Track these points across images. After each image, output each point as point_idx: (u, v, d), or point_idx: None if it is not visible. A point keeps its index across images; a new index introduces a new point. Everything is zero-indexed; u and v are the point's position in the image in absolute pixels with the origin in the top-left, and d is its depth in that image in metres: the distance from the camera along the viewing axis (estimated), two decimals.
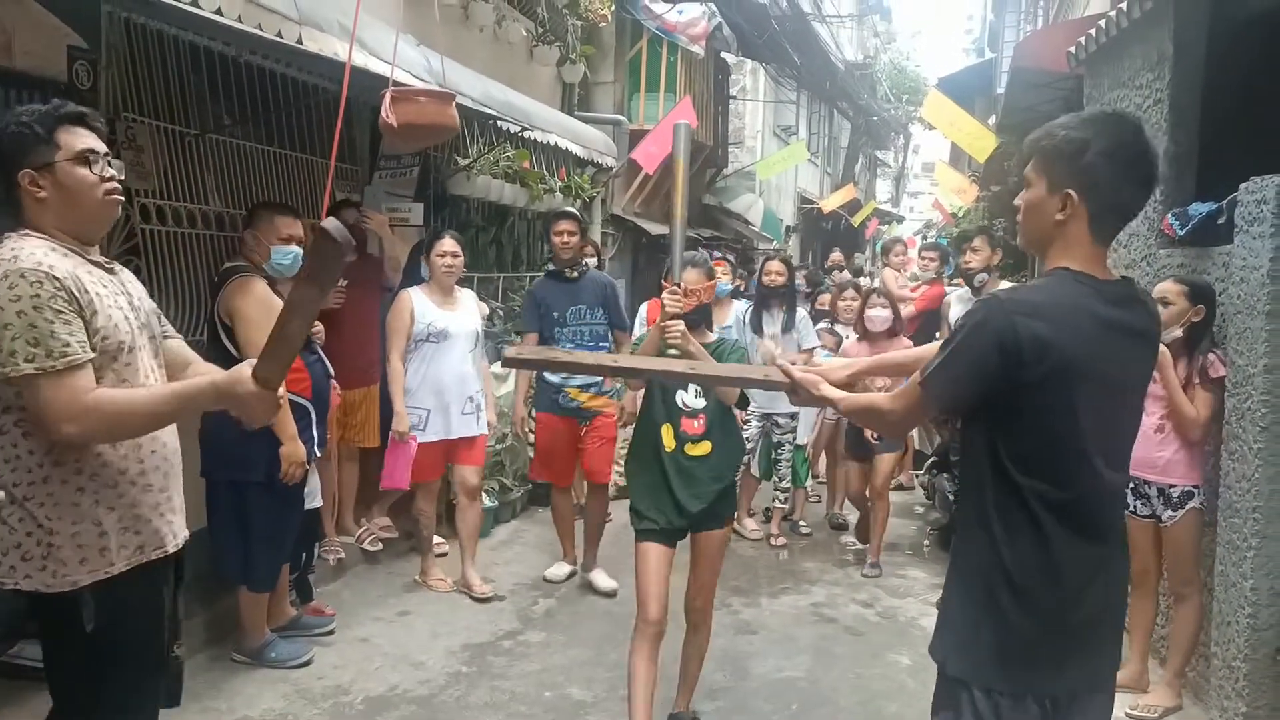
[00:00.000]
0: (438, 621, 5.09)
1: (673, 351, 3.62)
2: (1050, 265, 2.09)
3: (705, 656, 4.08)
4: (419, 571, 5.65)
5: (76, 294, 2.28)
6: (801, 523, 7.36)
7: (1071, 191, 2.02)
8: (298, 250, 4.27)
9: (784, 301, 6.66)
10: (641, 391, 4.07)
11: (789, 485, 6.99)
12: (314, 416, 4.44)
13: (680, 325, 3.63)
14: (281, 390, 2.33)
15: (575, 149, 8.46)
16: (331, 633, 4.81)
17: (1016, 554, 2.04)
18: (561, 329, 5.60)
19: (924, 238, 23.42)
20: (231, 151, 5.40)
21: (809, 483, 7.59)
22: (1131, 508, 4.40)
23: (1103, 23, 5.57)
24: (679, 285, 3.67)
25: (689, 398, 3.81)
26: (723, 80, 15.97)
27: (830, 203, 21.00)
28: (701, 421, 3.80)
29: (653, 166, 10.79)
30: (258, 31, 4.00)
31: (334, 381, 4.81)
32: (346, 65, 4.39)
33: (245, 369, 2.28)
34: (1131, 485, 4.45)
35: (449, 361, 5.33)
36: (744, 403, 3.64)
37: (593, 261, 6.39)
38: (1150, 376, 2.24)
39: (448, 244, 5.35)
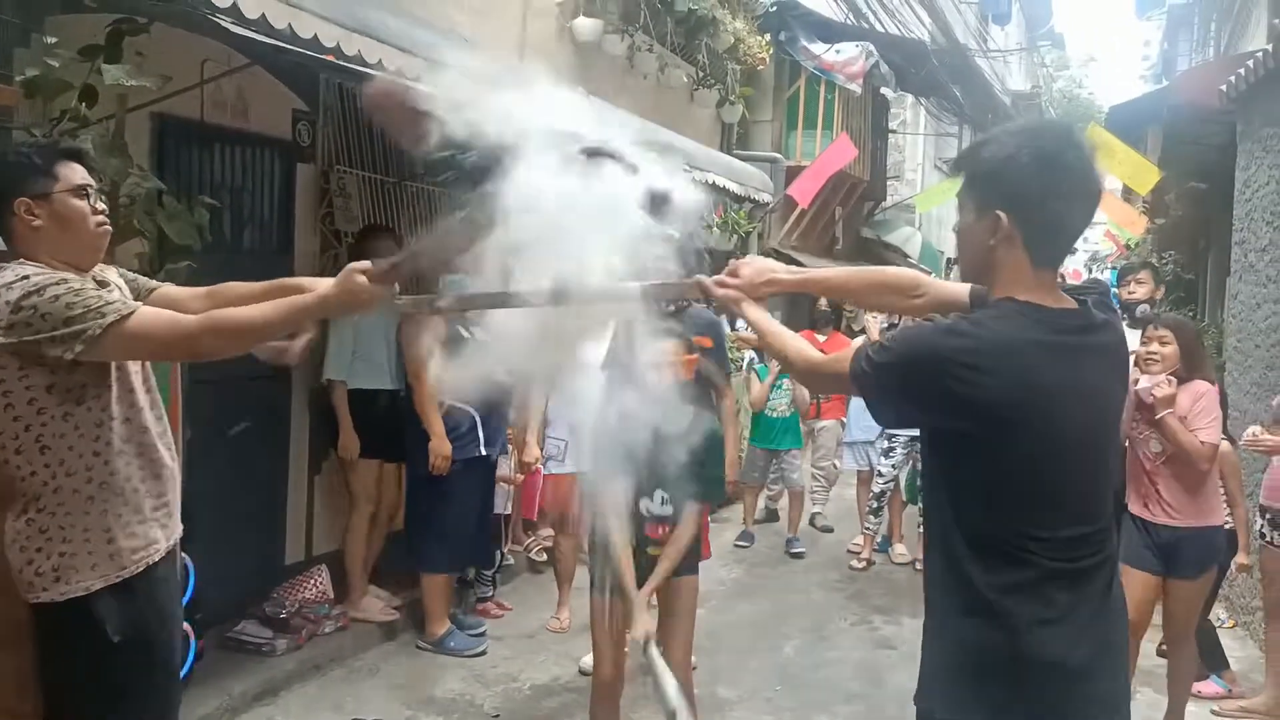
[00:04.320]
0: None
1: None
2: (996, 296, 1.89)
3: None
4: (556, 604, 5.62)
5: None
6: None
7: (1000, 212, 1.83)
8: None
9: None
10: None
11: None
12: (477, 419, 4.93)
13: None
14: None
15: (733, 186, 8.88)
16: (484, 634, 5.23)
17: (994, 596, 1.85)
18: None
19: (1089, 270, 22.80)
20: (422, 196, 6.07)
21: None
22: (1269, 538, 4.49)
23: (1251, 62, 5.64)
24: None
25: (654, 505, 3.52)
26: (881, 115, 16.15)
27: None
28: (666, 530, 3.56)
29: (807, 200, 11.11)
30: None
31: None
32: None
33: (354, 273, 2.29)
34: (1270, 516, 4.52)
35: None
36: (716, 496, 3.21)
37: None
38: (1121, 401, 1.99)
39: None
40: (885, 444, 7.11)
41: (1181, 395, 4.01)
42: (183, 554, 3.69)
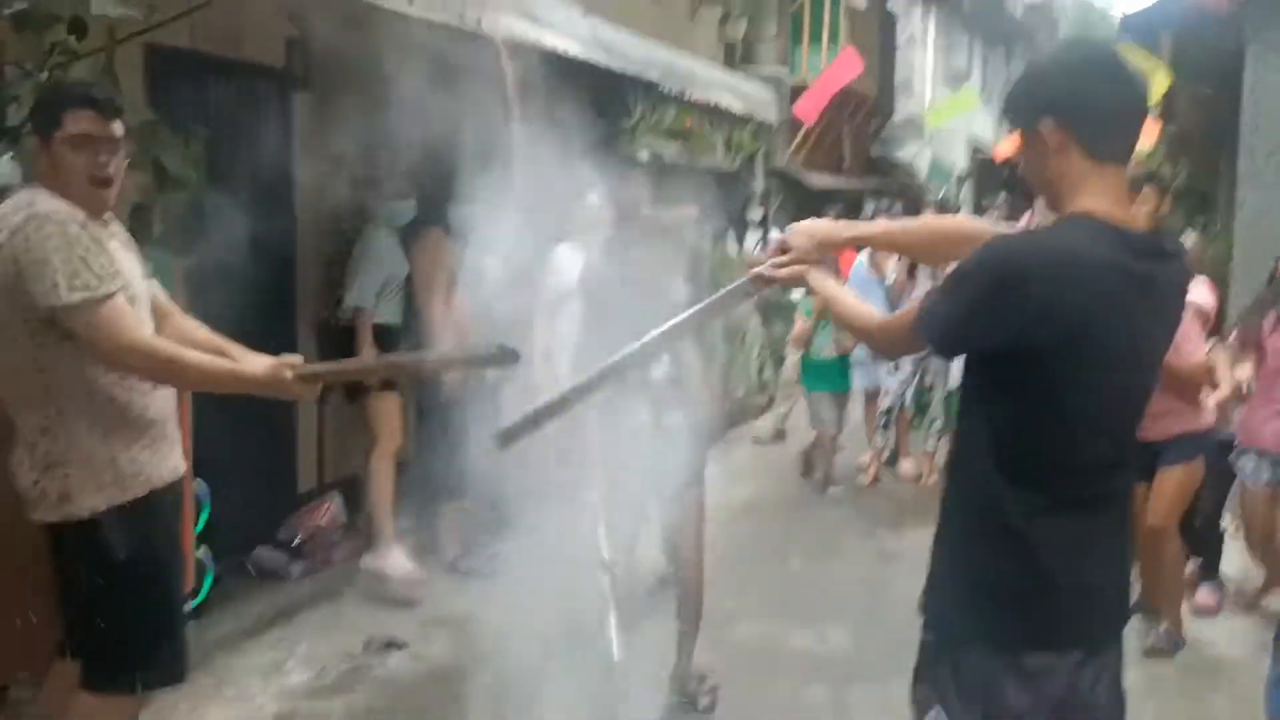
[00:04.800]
0: None
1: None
2: (1068, 210, 1.85)
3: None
4: None
5: (96, 238, 2.47)
6: None
7: (1048, 119, 1.83)
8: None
9: None
10: None
11: (942, 427, 7.18)
12: None
13: None
14: None
15: (736, 105, 8.78)
16: (499, 554, 5.27)
17: (1026, 523, 1.85)
18: None
19: None
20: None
21: None
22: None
23: None
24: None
25: (662, 368, 3.63)
26: (888, 27, 15.85)
27: (1002, 149, 20.46)
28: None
29: (813, 117, 10.98)
30: (443, 19, 4.54)
31: None
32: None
33: (283, 368, 2.57)
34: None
35: None
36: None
37: None
38: (1173, 339, 2.03)
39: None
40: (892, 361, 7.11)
41: None
42: (199, 478, 3.79)
